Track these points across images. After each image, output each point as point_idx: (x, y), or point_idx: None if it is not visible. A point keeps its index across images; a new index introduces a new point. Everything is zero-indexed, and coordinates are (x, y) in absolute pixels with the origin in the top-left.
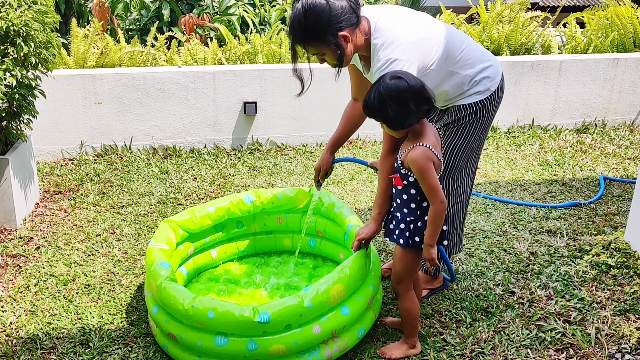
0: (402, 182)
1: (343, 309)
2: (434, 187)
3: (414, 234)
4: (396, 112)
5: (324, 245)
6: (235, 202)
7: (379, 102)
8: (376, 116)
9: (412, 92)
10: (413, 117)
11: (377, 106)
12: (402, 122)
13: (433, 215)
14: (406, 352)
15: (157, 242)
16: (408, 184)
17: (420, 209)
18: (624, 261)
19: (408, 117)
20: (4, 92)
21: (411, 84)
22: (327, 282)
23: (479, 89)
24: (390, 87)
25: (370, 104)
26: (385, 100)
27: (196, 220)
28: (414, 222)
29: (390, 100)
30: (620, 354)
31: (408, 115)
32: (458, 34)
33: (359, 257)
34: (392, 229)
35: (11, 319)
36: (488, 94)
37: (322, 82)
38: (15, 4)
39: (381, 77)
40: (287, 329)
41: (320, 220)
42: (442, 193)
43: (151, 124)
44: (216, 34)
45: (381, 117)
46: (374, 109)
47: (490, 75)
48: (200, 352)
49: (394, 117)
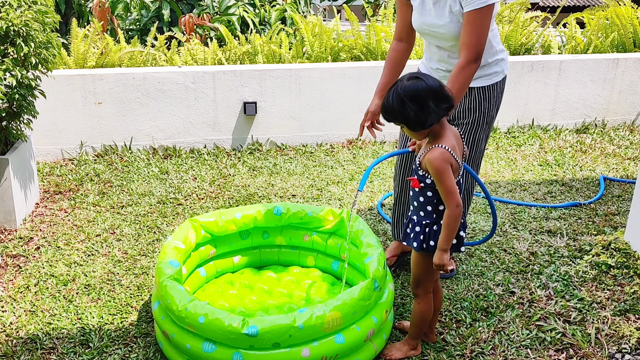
0: (420, 184)
1: (337, 337)
2: (451, 190)
3: (429, 237)
4: (416, 112)
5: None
6: (263, 212)
7: (398, 104)
8: (396, 118)
9: (430, 91)
10: (433, 116)
11: (396, 108)
12: (423, 122)
13: (448, 220)
14: (407, 352)
15: (174, 240)
16: (425, 186)
17: (436, 212)
18: (624, 261)
19: (428, 117)
20: (4, 92)
21: (429, 83)
22: (324, 307)
23: (497, 70)
24: (409, 88)
25: (389, 107)
26: (404, 101)
27: (221, 224)
28: (429, 225)
29: (409, 100)
30: (620, 354)
31: (428, 115)
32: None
33: (366, 288)
34: (408, 233)
35: (11, 319)
36: (503, 76)
37: (322, 82)
38: (15, 4)
39: (398, 79)
40: (275, 347)
41: (346, 244)
42: (459, 197)
43: (151, 124)
44: (216, 34)
45: (401, 119)
46: (394, 112)
47: (505, 58)
48: (188, 355)
49: (414, 118)
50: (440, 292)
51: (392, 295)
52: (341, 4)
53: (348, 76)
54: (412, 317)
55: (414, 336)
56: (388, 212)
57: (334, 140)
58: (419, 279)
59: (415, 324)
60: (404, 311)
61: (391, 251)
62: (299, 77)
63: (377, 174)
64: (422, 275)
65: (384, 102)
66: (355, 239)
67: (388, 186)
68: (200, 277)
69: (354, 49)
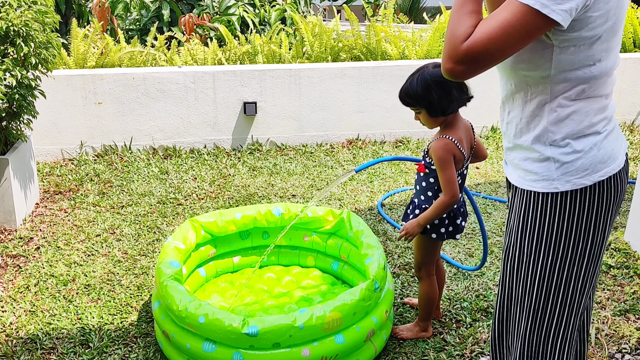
0: (425, 170)
1: (337, 337)
2: (450, 180)
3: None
4: (440, 98)
5: (345, 270)
6: (263, 212)
7: (423, 89)
8: (418, 102)
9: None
10: (455, 104)
11: (420, 93)
12: (445, 108)
13: (439, 204)
14: (417, 334)
15: (174, 240)
16: (429, 172)
17: (436, 198)
18: (624, 261)
19: (450, 104)
20: (4, 92)
21: None
22: (325, 308)
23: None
24: (436, 74)
25: (413, 92)
26: (430, 85)
27: (220, 224)
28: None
29: (435, 86)
30: (620, 354)
31: (450, 102)
32: None
33: (366, 289)
34: (408, 214)
35: (11, 319)
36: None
37: (322, 82)
38: (15, 4)
39: (423, 66)
40: (275, 347)
41: (346, 245)
42: (457, 188)
43: (151, 124)
44: (216, 34)
45: (424, 103)
46: (417, 96)
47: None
48: (188, 355)
49: (438, 103)
50: (443, 270)
51: (392, 295)
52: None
53: (348, 76)
54: (419, 300)
55: (424, 318)
56: (388, 212)
57: (333, 140)
58: (421, 261)
59: (423, 305)
60: (404, 311)
61: None
62: (299, 77)
63: (377, 174)
64: (423, 258)
65: (405, 86)
66: (355, 239)
67: (388, 186)
68: (200, 277)
69: (354, 49)
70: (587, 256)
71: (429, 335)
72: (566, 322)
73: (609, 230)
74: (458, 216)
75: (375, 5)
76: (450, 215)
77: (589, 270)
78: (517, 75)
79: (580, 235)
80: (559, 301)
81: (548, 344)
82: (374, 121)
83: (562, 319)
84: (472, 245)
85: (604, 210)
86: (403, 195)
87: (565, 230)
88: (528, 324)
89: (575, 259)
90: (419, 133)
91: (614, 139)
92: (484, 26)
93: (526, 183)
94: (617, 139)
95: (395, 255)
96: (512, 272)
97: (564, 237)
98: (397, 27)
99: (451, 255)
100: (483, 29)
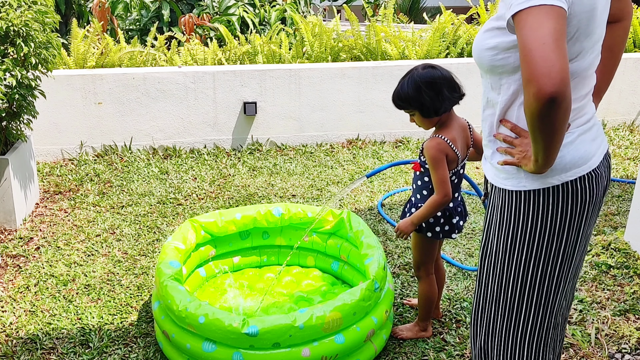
0: (420, 169)
1: (337, 337)
2: (442, 179)
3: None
4: (431, 98)
5: (345, 270)
6: (263, 212)
7: (414, 90)
8: (410, 104)
9: (445, 79)
10: (447, 103)
11: (411, 95)
12: (437, 108)
13: (431, 203)
14: (417, 333)
15: (174, 240)
16: (424, 170)
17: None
18: (624, 261)
19: (442, 104)
20: (4, 92)
21: (443, 73)
22: (325, 308)
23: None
24: (425, 75)
25: (404, 94)
26: (420, 87)
27: (220, 224)
28: None
29: (425, 87)
30: (620, 354)
31: (442, 102)
32: None
33: (367, 289)
34: (405, 212)
35: (11, 319)
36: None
37: (322, 82)
38: (15, 4)
39: (412, 68)
40: (275, 347)
41: (346, 245)
42: (449, 188)
43: (151, 124)
44: (216, 34)
45: (416, 105)
46: (409, 98)
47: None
48: (188, 355)
49: (430, 104)
50: (443, 270)
51: (391, 295)
52: (341, 4)
53: (348, 76)
54: (418, 300)
55: (423, 318)
56: (388, 212)
57: (333, 140)
58: (419, 261)
59: (422, 305)
60: (403, 311)
61: None
62: (299, 77)
63: (377, 174)
64: (421, 257)
65: (397, 89)
66: (355, 239)
67: (388, 186)
68: (200, 277)
69: (353, 49)
70: (560, 255)
71: (428, 335)
72: (541, 321)
73: (587, 231)
74: (454, 215)
75: (375, 5)
76: (445, 214)
77: (563, 270)
78: (493, 74)
79: (551, 234)
80: (533, 300)
81: (522, 342)
82: (373, 121)
83: (537, 318)
84: (472, 245)
85: (576, 210)
86: (403, 195)
87: (536, 228)
88: (503, 322)
89: (547, 257)
90: (418, 133)
91: (589, 140)
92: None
93: (499, 181)
94: (593, 140)
95: (395, 255)
96: (487, 269)
97: (535, 235)
98: (397, 27)
99: (451, 255)
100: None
